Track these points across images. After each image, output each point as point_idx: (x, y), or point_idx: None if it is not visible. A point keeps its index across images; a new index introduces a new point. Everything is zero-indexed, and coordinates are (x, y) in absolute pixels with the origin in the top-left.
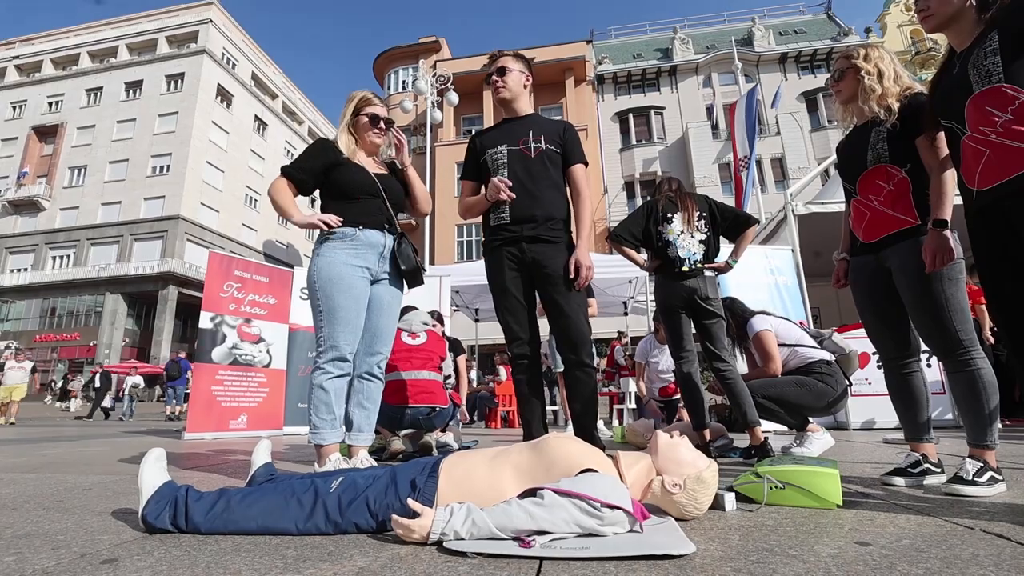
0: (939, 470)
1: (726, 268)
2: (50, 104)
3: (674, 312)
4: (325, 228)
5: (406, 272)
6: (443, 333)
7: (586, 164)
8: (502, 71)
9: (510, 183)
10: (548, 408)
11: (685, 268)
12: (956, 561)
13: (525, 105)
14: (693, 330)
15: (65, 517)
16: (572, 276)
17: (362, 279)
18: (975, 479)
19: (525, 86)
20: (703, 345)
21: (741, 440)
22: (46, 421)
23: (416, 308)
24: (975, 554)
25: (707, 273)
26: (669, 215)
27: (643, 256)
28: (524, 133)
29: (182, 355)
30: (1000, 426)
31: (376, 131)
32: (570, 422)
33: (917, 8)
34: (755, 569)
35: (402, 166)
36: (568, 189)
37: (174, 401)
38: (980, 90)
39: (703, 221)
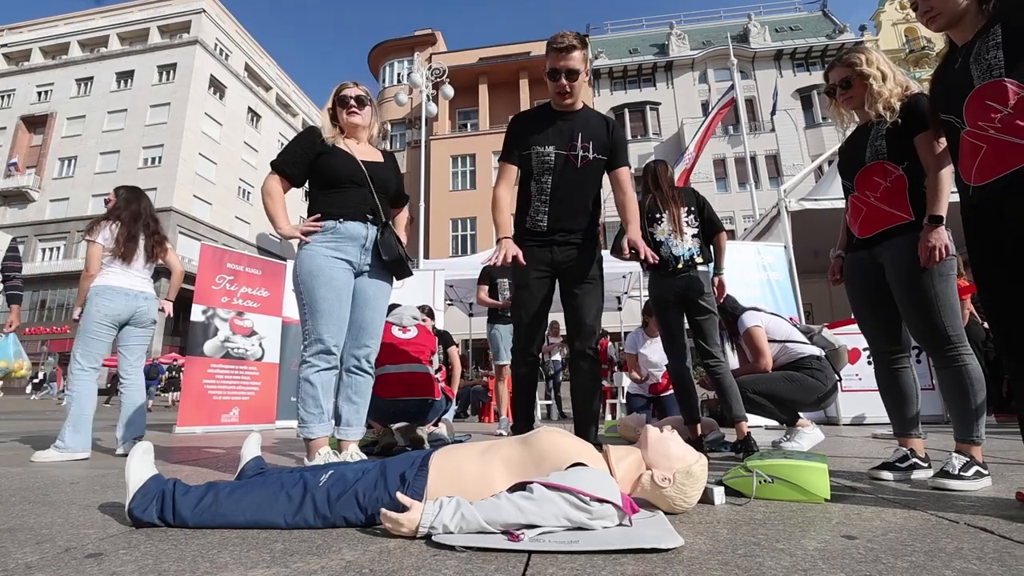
0: (926, 465)
1: (720, 286)
2: (39, 94)
3: (668, 308)
4: (308, 240)
5: (389, 263)
6: (433, 327)
7: (631, 166)
8: (573, 74)
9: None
10: (542, 402)
11: (680, 266)
12: (940, 554)
13: (578, 101)
14: (686, 325)
15: (50, 511)
16: (630, 255)
17: (343, 271)
18: (961, 474)
19: (584, 80)
20: (695, 341)
21: (733, 435)
22: (34, 415)
23: (401, 305)
24: (959, 547)
25: (700, 268)
26: (658, 215)
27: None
28: (574, 136)
29: (163, 360)
30: (994, 421)
31: (348, 111)
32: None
33: (920, 11)
34: (742, 563)
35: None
36: (613, 189)
37: (147, 398)
38: (981, 84)
39: (692, 216)
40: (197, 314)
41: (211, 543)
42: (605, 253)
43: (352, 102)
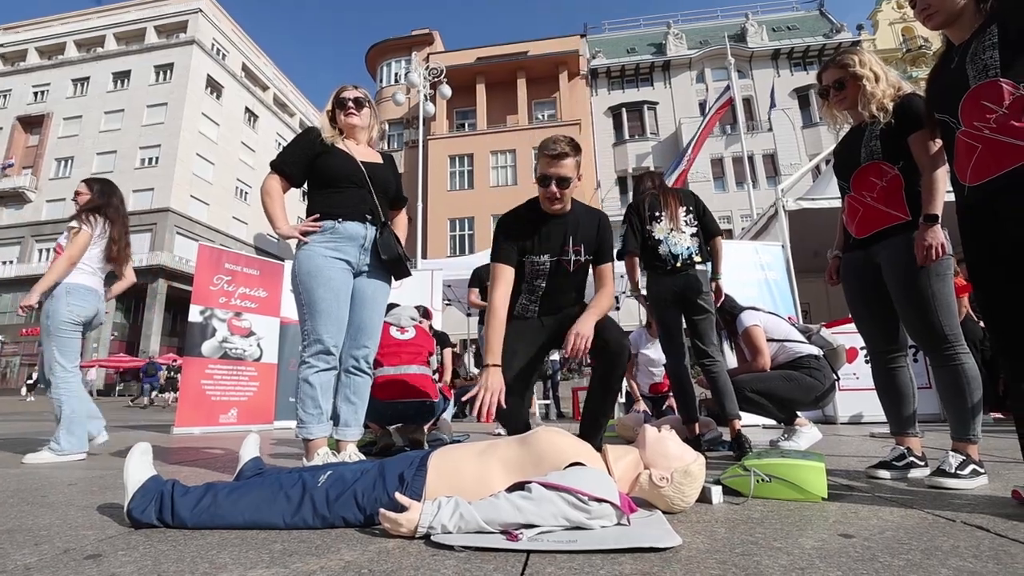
0: (923, 463)
1: (717, 291)
2: (36, 94)
3: (667, 308)
4: (307, 241)
5: (387, 262)
6: (430, 327)
7: (614, 260)
8: (563, 182)
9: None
10: (540, 402)
11: (678, 264)
12: (936, 552)
13: (568, 204)
14: (685, 325)
15: (49, 512)
16: (564, 345)
17: (342, 271)
18: (957, 472)
19: (576, 185)
20: (691, 341)
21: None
22: (32, 416)
23: (399, 305)
24: (955, 546)
25: (699, 267)
26: (657, 213)
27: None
28: (566, 240)
29: (160, 359)
30: (991, 419)
31: (346, 112)
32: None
33: (918, 8)
34: (740, 561)
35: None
36: (595, 279)
37: (147, 395)
38: (977, 84)
39: (690, 215)
40: (195, 314)
41: (210, 544)
42: None
43: (351, 104)
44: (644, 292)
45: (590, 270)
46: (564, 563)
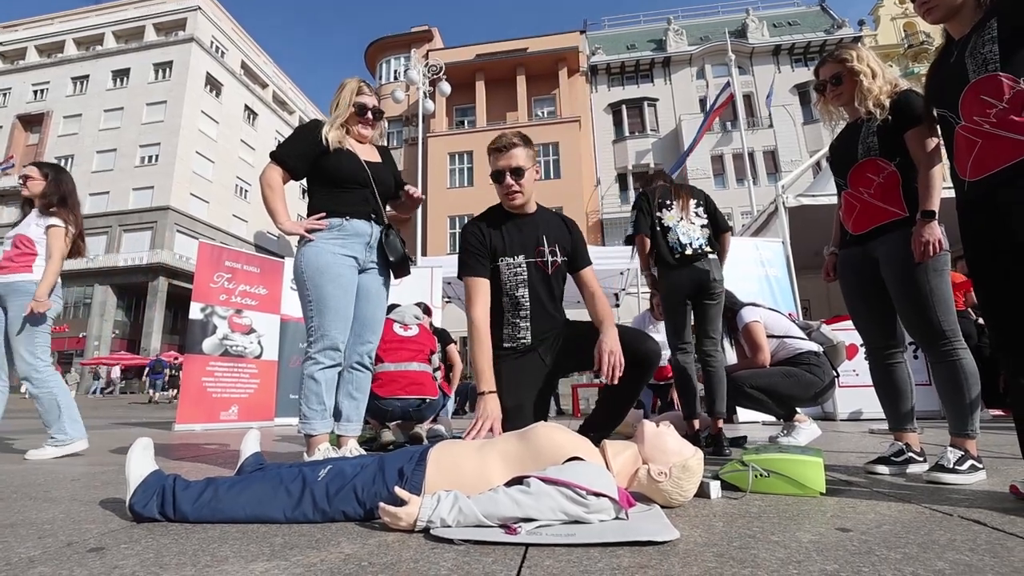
0: (922, 459)
1: None
2: (35, 92)
3: (679, 301)
4: (312, 238)
5: (394, 262)
6: (430, 324)
7: (592, 264)
8: (518, 172)
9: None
10: None
11: (688, 252)
12: (933, 546)
13: (532, 201)
14: (692, 322)
15: (52, 507)
16: (597, 367)
17: (350, 268)
18: (956, 467)
19: (535, 179)
20: (697, 326)
21: (731, 431)
22: (30, 413)
23: (402, 304)
24: (952, 539)
25: (711, 256)
26: (668, 202)
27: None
28: (539, 240)
29: (164, 356)
30: (989, 416)
31: (364, 122)
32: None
33: (919, 2)
34: (737, 554)
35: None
36: (581, 290)
37: (154, 390)
38: (976, 78)
39: (700, 208)
40: (195, 312)
41: (211, 537)
42: (606, 250)
43: (369, 115)
44: (655, 273)
45: (567, 279)
46: (562, 556)
